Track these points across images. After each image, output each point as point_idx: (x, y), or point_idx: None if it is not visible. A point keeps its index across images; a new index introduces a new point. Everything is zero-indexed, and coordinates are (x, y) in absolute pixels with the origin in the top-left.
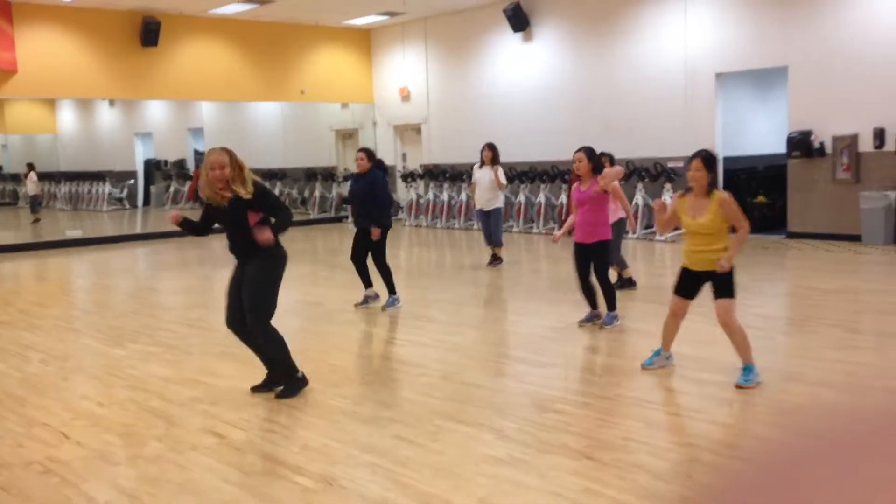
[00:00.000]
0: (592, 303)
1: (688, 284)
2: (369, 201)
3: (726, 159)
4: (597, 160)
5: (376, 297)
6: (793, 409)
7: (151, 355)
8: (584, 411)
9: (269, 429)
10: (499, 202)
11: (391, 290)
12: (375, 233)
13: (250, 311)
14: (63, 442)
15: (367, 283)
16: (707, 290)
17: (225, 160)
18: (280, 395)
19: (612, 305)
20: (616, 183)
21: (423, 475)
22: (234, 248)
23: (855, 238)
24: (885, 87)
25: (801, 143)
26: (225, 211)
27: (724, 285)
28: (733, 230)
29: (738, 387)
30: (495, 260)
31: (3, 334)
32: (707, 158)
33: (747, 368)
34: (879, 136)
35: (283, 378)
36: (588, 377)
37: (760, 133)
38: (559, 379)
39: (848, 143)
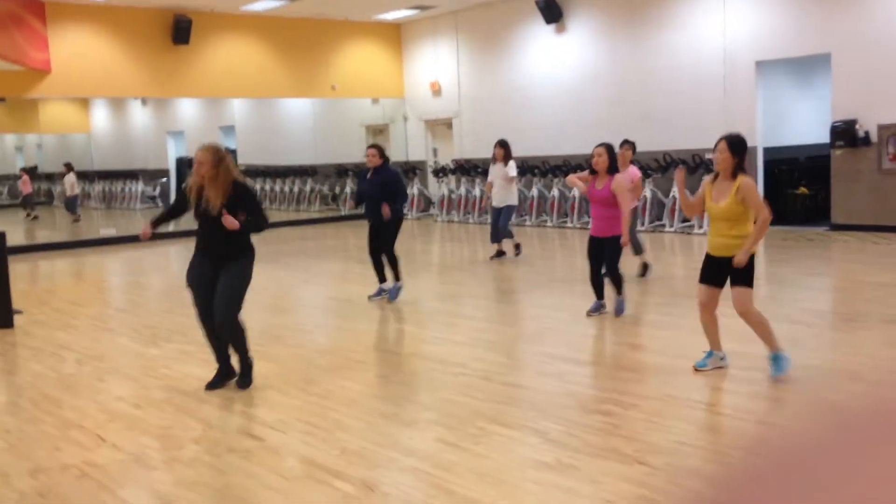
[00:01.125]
0: (600, 294)
1: (711, 271)
2: (382, 199)
3: (767, 150)
4: (615, 159)
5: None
6: (851, 411)
7: (187, 355)
8: (632, 412)
9: (307, 431)
10: (512, 199)
11: (397, 276)
12: (386, 210)
13: (226, 308)
14: (99, 445)
15: (382, 279)
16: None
17: (204, 158)
18: (243, 385)
19: (619, 290)
20: (625, 188)
21: (468, 481)
22: (212, 248)
23: None
24: None
25: (845, 133)
26: (206, 213)
27: (741, 273)
28: None
29: (774, 379)
30: (500, 255)
31: (39, 334)
32: (732, 141)
33: (775, 357)
34: None
35: (239, 364)
36: (632, 376)
37: (802, 123)
38: (602, 378)
39: (894, 132)
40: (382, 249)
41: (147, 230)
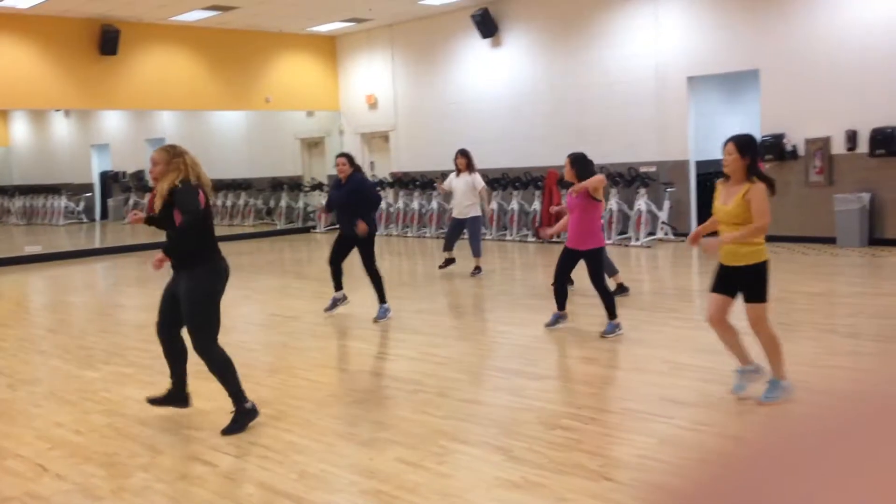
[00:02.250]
0: (561, 304)
1: (722, 280)
2: (353, 207)
3: (698, 163)
4: (581, 166)
5: (344, 298)
6: (804, 421)
7: (126, 377)
8: (593, 427)
9: (262, 454)
10: (476, 210)
11: (382, 299)
12: (362, 227)
13: (194, 335)
14: (41, 475)
15: (338, 286)
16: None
17: (158, 158)
18: (227, 431)
19: (612, 314)
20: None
21: (434, 502)
22: (166, 252)
23: (829, 240)
24: (857, 89)
25: (773, 147)
26: (157, 215)
27: (752, 288)
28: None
29: (760, 404)
30: (448, 263)
31: None
32: (741, 141)
33: (773, 383)
34: (852, 138)
35: (231, 399)
36: (589, 390)
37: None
38: (560, 392)
39: (821, 146)
40: (365, 270)
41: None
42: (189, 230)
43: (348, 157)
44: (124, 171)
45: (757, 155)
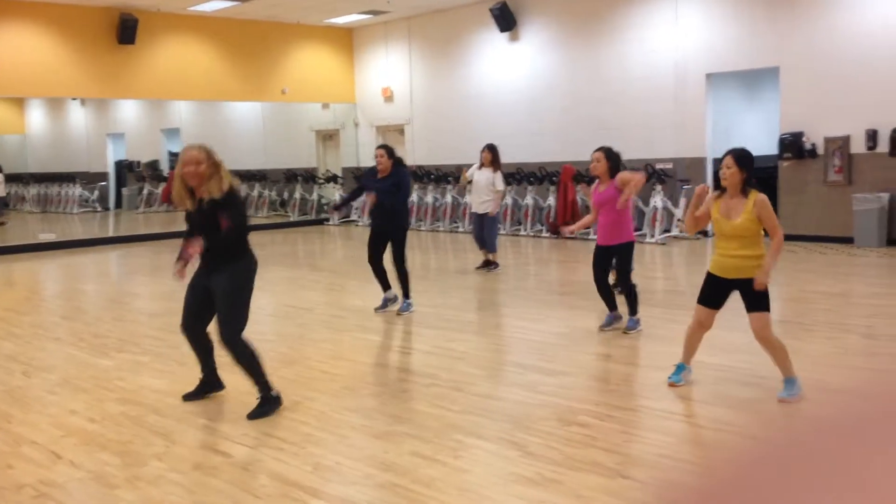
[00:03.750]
0: (611, 305)
1: (715, 294)
2: (390, 202)
3: (716, 161)
4: (615, 160)
5: (395, 299)
6: (828, 421)
7: (141, 366)
8: (609, 424)
9: (277, 446)
10: (493, 206)
11: (406, 294)
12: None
13: (225, 326)
14: (55, 462)
15: (386, 286)
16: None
17: (201, 156)
18: (253, 416)
19: (633, 310)
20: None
21: (451, 497)
22: (203, 254)
23: (847, 240)
24: (878, 88)
25: (792, 145)
26: (196, 213)
27: (757, 297)
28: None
29: (782, 401)
30: (488, 265)
31: None
32: (740, 155)
33: (789, 381)
34: (872, 137)
35: (257, 388)
36: (606, 387)
37: (750, 134)
38: (576, 389)
39: (840, 145)
40: (393, 263)
41: (182, 271)
42: (236, 238)
43: (388, 150)
44: (139, 160)
45: (752, 169)
